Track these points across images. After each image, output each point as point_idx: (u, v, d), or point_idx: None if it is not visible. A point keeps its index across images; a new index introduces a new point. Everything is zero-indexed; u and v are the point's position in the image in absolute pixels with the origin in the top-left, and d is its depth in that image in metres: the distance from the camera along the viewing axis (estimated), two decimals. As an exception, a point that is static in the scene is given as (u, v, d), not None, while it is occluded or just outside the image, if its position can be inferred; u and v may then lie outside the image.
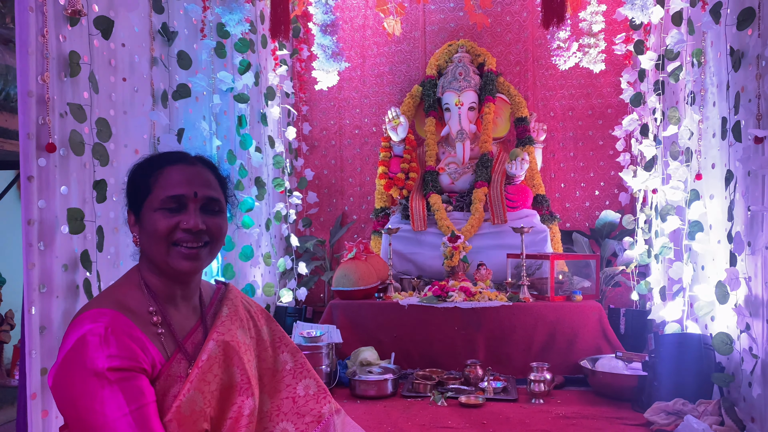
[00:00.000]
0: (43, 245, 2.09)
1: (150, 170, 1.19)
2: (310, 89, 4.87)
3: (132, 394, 1.02)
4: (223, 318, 1.25)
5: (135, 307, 1.14)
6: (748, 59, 2.37)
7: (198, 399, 1.12)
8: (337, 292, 3.83)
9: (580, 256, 4.04)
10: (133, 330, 1.09)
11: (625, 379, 2.94)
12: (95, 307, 1.10)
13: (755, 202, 2.30)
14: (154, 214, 1.15)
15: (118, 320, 1.08)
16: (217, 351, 1.19)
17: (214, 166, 1.27)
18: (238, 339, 1.24)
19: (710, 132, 2.81)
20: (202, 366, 1.15)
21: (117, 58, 2.57)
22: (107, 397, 1.00)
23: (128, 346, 1.06)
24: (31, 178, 2.04)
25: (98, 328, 1.04)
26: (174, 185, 1.16)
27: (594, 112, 4.56)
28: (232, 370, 1.21)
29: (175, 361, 1.15)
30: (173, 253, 1.16)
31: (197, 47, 3.26)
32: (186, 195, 1.16)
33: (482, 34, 4.71)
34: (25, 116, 2.03)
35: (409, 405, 2.96)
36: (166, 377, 1.12)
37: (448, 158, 4.47)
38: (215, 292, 1.33)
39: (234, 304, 1.30)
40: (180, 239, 1.15)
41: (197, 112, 3.23)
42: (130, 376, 1.03)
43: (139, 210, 1.19)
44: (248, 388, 1.21)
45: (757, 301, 2.29)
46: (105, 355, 1.02)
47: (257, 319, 1.34)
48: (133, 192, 1.21)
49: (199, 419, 1.12)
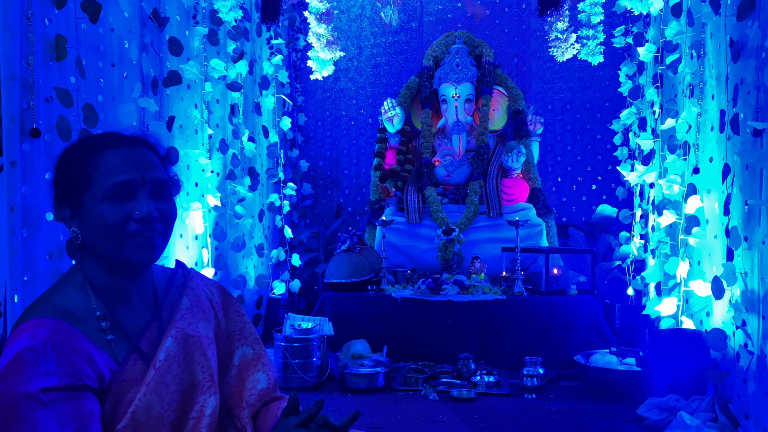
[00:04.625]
0: (27, 232, 2.05)
1: (86, 156, 1.05)
2: (306, 79, 4.83)
3: (68, 416, 0.92)
4: (183, 311, 1.14)
5: (80, 313, 1.02)
6: (747, 51, 2.33)
7: (156, 404, 1.02)
8: (329, 284, 3.79)
9: (576, 250, 4.01)
10: (78, 340, 0.98)
11: (619, 375, 2.91)
12: (35, 315, 0.99)
13: (753, 196, 2.26)
14: (99, 206, 1.02)
15: (61, 331, 0.97)
16: (175, 348, 1.08)
17: (153, 146, 1.13)
18: (200, 333, 1.13)
19: (708, 125, 2.77)
20: (159, 367, 1.04)
21: (105, 43, 2.52)
22: (39, 421, 0.90)
23: (70, 362, 0.95)
24: (15, 164, 2.00)
25: (36, 344, 0.93)
26: (118, 171, 1.03)
27: (592, 106, 4.52)
28: (193, 368, 1.10)
29: (129, 364, 1.03)
30: (128, 245, 1.04)
31: (189, 34, 3.21)
32: (133, 180, 1.04)
33: (480, 26, 4.66)
34: (9, 100, 1.98)
35: (400, 398, 2.93)
36: (120, 383, 1.01)
37: (444, 150, 4.42)
38: (170, 278, 1.20)
39: (196, 294, 1.18)
40: (135, 231, 1.04)
41: (189, 100, 3.19)
42: (68, 396, 0.93)
43: (77, 202, 1.05)
44: (211, 386, 1.12)
45: (753, 296, 2.26)
46: (41, 373, 0.91)
47: (218, 309, 1.23)
48: (67, 182, 1.06)
49: (156, 425, 1.02)
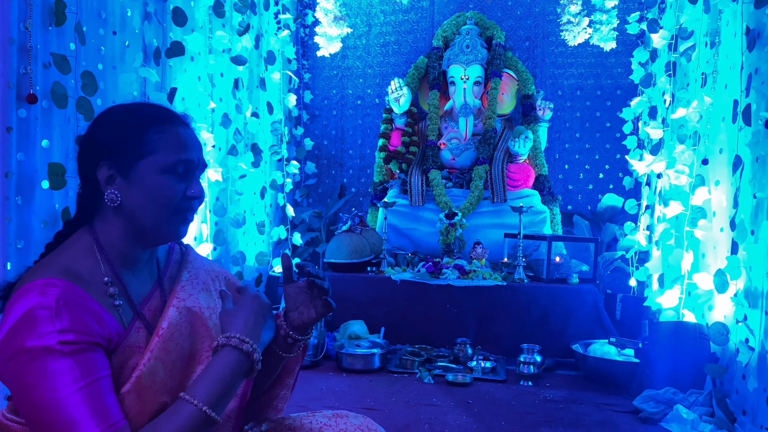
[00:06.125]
0: (21, 199, 2.02)
1: (148, 125, 1.07)
2: (313, 56, 4.76)
3: (86, 367, 0.93)
4: (183, 282, 1.16)
5: (88, 276, 1.03)
6: (764, 40, 2.26)
7: (159, 369, 1.05)
8: (329, 264, 3.77)
9: (579, 238, 3.96)
10: (88, 301, 0.99)
11: (617, 365, 2.88)
12: (41, 276, 0.98)
13: (762, 189, 2.21)
14: (160, 177, 1.05)
15: (71, 291, 0.97)
16: (179, 318, 1.10)
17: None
18: (201, 305, 1.16)
19: (720, 116, 2.71)
20: (162, 334, 1.07)
21: (107, 11, 2.48)
22: (59, 371, 0.91)
23: (82, 320, 0.96)
24: (10, 129, 1.97)
25: (48, 301, 0.94)
26: (184, 148, 1.08)
27: (603, 93, 4.44)
28: (195, 338, 1.13)
29: (134, 330, 1.06)
30: (174, 220, 1.08)
31: (194, 5, 3.16)
32: (195, 160, 1.10)
33: (492, 7, 4.58)
34: (5, 64, 1.95)
35: (395, 380, 2.91)
36: (125, 348, 1.03)
37: (450, 133, 4.37)
38: (169, 253, 1.23)
39: (194, 268, 1.22)
40: (185, 207, 1.09)
41: (192, 72, 3.14)
42: (85, 349, 0.95)
43: (129, 166, 1.05)
44: (209, 355, 1.13)
45: (756, 292, 2.22)
46: (56, 330, 0.92)
47: (220, 281, 1.26)
48: (121, 144, 1.06)
49: (159, 391, 1.04)
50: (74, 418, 0.91)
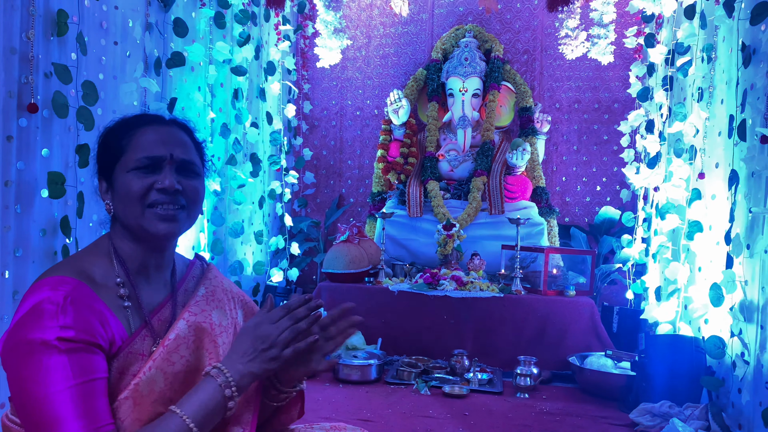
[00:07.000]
0: (20, 208, 2.03)
1: (123, 132, 1.12)
2: (313, 67, 4.79)
3: (80, 367, 0.95)
4: (198, 298, 1.17)
5: (100, 278, 1.07)
6: (759, 56, 2.28)
7: (159, 379, 1.05)
8: (327, 274, 3.77)
9: (576, 251, 3.97)
10: (96, 302, 1.02)
11: (613, 378, 2.89)
12: (57, 274, 1.03)
13: (757, 204, 2.23)
14: (127, 176, 1.09)
15: (80, 290, 1.01)
16: (187, 332, 1.11)
17: (190, 129, 1.20)
18: (212, 321, 1.16)
19: (716, 130, 2.73)
20: (168, 345, 1.07)
21: (109, 21, 2.50)
22: (52, 367, 0.93)
23: (86, 319, 0.98)
24: (11, 138, 1.98)
25: (57, 297, 0.97)
26: (149, 146, 1.10)
27: (600, 106, 4.47)
28: (201, 353, 1.13)
29: (139, 337, 1.07)
30: (148, 215, 1.09)
31: (195, 15, 3.18)
32: (162, 156, 1.10)
33: (491, 20, 4.61)
34: (7, 74, 1.97)
35: (391, 392, 2.91)
36: (127, 354, 1.05)
37: (448, 145, 4.39)
38: (189, 267, 1.25)
39: (212, 285, 1.22)
40: (155, 201, 1.09)
41: (192, 82, 3.16)
42: (82, 348, 0.96)
43: (110, 175, 1.12)
44: None
45: (752, 306, 2.23)
46: (58, 325, 0.94)
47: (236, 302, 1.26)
48: (105, 156, 1.14)
49: (157, 401, 1.05)
50: (59, 415, 0.92)
